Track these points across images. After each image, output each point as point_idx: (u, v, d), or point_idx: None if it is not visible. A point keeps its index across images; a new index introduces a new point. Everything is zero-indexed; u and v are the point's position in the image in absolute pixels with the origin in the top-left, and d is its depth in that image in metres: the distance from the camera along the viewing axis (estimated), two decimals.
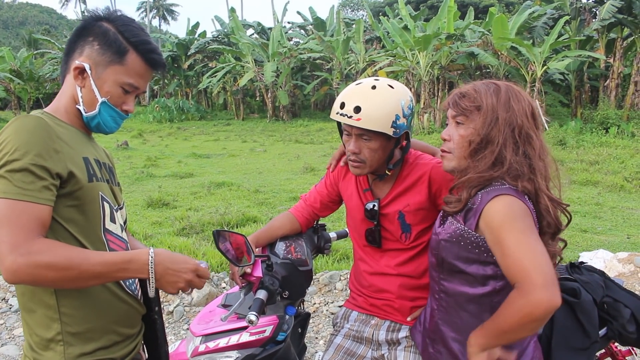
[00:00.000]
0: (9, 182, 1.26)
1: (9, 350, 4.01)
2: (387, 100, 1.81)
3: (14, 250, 1.22)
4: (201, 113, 30.81)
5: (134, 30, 1.50)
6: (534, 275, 1.37)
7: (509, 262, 1.43)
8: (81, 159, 1.44)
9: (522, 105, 1.60)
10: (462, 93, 1.65)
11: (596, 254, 5.05)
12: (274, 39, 26.58)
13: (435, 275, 1.72)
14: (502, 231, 1.45)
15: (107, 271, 1.31)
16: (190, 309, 4.58)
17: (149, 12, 55.14)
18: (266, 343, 2.09)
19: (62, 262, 1.26)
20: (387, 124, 1.80)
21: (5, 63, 29.11)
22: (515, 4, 35.21)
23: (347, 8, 57.39)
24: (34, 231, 1.26)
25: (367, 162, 1.89)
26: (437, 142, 15.43)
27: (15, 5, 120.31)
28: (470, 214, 1.56)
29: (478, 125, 1.58)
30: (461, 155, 1.63)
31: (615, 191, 9.61)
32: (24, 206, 1.26)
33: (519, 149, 1.56)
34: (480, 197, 1.54)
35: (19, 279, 1.25)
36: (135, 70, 1.50)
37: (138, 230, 6.76)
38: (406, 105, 1.85)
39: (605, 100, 19.02)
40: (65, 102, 1.52)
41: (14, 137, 1.30)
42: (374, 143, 1.85)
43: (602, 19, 17.82)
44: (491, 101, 1.59)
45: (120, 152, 16.50)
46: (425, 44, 18.92)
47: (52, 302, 1.40)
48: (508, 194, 1.49)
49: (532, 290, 1.36)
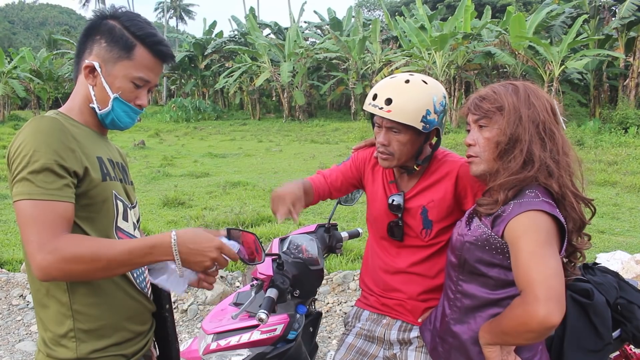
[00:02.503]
0: (31, 183, 1.29)
1: (27, 347, 4.07)
2: (419, 94, 1.83)
3: (42, 248, 1.25)
4: (217, 113, 30.93)
5: (140, 25, 1.51)
6: (537, 288, 1.39)
7: (519, 270, 1.45)
8: (95, 158, 1.47)
9: (542, 102, 1.60)
10: (481, 96, 1.65)
11: (613, 255, 4.98)
12: (290, 39, 26.61)
13: (454, 275, 1.72)
14: (520, 240, 1.47)
15: (133, 257, 1.33)
16: (205, 308, 4.61)
17: (166, 13, 55.58)
18: (277, 341, 2.10)
19: (89, 254, 1.28)
20: (417, 118, 1.82)
21: (26, 63, 29.53)
22: (532, 2, 34.86)
23: (364, 8, 57.26)
24: (59, 228, 1.29)
25: (395, 155, 1.91)
26: (453, 142, 15.29)
27: (35, 7, 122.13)
28: (499, 221, 1.56)
29: (503, 125, 1.58)
30: (490, 158, 1.63)
31: (634, 192, 9.47)
32: (48, 205, 1.29)
33: (545, 145, 1.57)
34: (511, 207, 1.54)
35: (50, 276, 1.28)
36: (144, 63, 1.52)
37: (154, 229, 6.82)
38: (438, 102, 1.86)
39: (624, 100, 18.76)
40: (78, 102, 1.54)
41: (31, 139, 1.33)
42: (403, 136, 1.87)
43: (621, 17, 17.59)
44: (512, 100, 1.59)
45: (137, 152, 16.62)
46: (442, 44, 18.82)
47: (65, 299, 1.42)
48: (540, 211, 1.48)
49: (531, 301, 1.39)
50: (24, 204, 1.29)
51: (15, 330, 4.37)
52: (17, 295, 4.92)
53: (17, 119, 26.80)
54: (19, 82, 27.37)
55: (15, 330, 4.36)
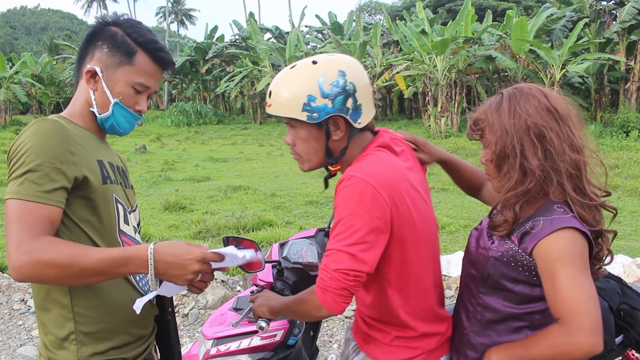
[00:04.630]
0: (22, 183, 1.31)
1: (28, 351, 4.06)
2: (299, 79, 1.53)
3: (18, 248, 1.26)
4: (219, 117, 31.00)
5: (141, 31, 1.54)
6: (583, 318, 1.37)
7: (559, 298, 1.41)
8: (95, 161, 1.49)
9: (532, 105, 1.54)
10: (474, 119, 1.64)
11: (615, 259, 4.96)
12: (291, 43, 26.66)
13: (474, 288, 1.67)
14: (558, 265, 1.42)
15: (107, 267, 1.30)
16: (206, 312, 4.60)
17: (168, 17, 55.71)
18: (277, 347, 2.09)
19: (62, 260, 1.27)
20: (297, 107, 1.52)
21: (27, 68, 29.63)
22: (533, 7, 34.92)
23: (365, 12, 57.36)
24: (40, 230, 1.29)
25: (302, 155, 1.63)
26: (455, 146, 15.31)
27: (37, 12, 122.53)
28: (527, 238, 1.51)
29: (492, 142, 1.56)
30: (495, 176, 1.61)
31: (635, 195, 9.45)
32: (34, 207, 1.30)
33: (538, 151, 1.50)
34: (542, 224, 1.49)
35: (23, 276, 1.27)
36: (145, 69, 1.54)
37: (155, 233, 6.82)
38: (327, 83, 1.50)
39: (625, 104, 18.73)
40: (79, 106, 1.56)
41: (31, 140, 1.34)
42: (301, 132, 1.58)
43: (622, 20, 17.56)
44: (496, 115, 1.56)
45: (138, 156, 16.64)
46: (443, 48, 18.84)
47: (67, 302, 1.43)
48: (572, 228, 1.45)
49: (578, 332, 1.36)
50: (11, 202, 1.30)
51: (16, 335, 4.36)
52: (19, 300, 4.92)
53: (19, 124, 26.84)
54: (21, 87, 27.47)
55: (17, 335, 4.36)
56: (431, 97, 20.76)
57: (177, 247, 1.36)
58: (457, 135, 19.35)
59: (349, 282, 1.41)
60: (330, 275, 1.42)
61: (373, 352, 1.68)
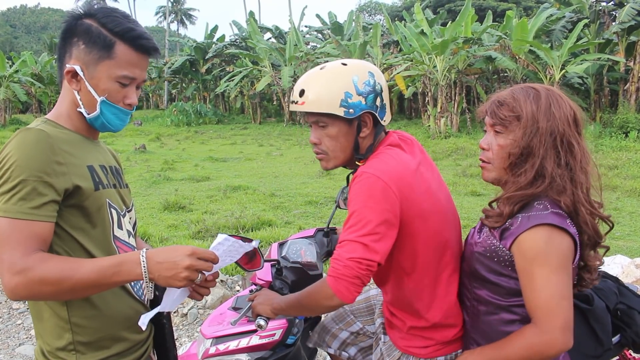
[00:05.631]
0: (9, 200, 1.26)
1: (27, 350, 4.07)
2: (334, 78, 1.64)
3: (10, 268, 1.22)
4: (218, 117, 30.96)
5: (117, 20, 1.43)
6: (554, 318, 1.40)
7: (534, 297, 1.44)
8: (86, 168, 1.43)
9: (564, 111, 1.52)
10: (500, 101, 1.58)
11: (614, 260, 4.97)
12: (291, 43, 26.65)
13: (467, 283, 1.70)
14: (534, 264, 1.44)
15: (101, 277, 1.26)
16: (205, 312, 4.60)
17: (168, 17, 55.64)
18: (276, 346, 2.10)
19: (54, 276, 1.23)
20: (335, 103, 1.62)
21: (27, 67, 29.63)
22: (532, 7, 34.90)
23: (365, 13, 57.32)
24: (31, 248, 1.25)
25: (329, 153, 1.72)
26: (454, 147, 15.28)
27: (37, 11, 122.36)
28: (507, 234, 1.52)
29: (518, 136, 1.52)
30: (501, 167, 1.58)
31: (634, 196, 9.46)
32: (23, 225, 1.25)
33: (560, 159, 1.50)
34: (519, 221, 1.50)
35: (18, 296, 1.24)
36: (127, 60, 1.44)
37: (154, 233, 6.82)
38: (361, 82, 1.64)
39: (625, 104, 18.73)
40: (66, 107, 1.49)
41: (15, 153, 1.28)
42: (331, 129, 1.67)
43: (621, 21, 17.56)
44: (531, 109, 1.52)
45: (138, 156, 16.63)
46: (443, 49, 18.84)
47: (63, 313, 1.40)
48: (550, 224, 1.44)
49: (550, 331, 1.40)
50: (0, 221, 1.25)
51: (15, 334, 4.36)
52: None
53: (19, 123, 26.81)
54: (21, 86, 27.45)
55: (16, 334, 4.36)
56: (431, 97, 20.75)
57: (167, 249, 1.32)
58: (456, 135, 19.33)
59: (361, 271, 1.49)
60: (344, 264, 1.49)
61: (394, 337, 1.84)
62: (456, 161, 13.97)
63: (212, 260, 1.34)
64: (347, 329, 2.22)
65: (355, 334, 2.21)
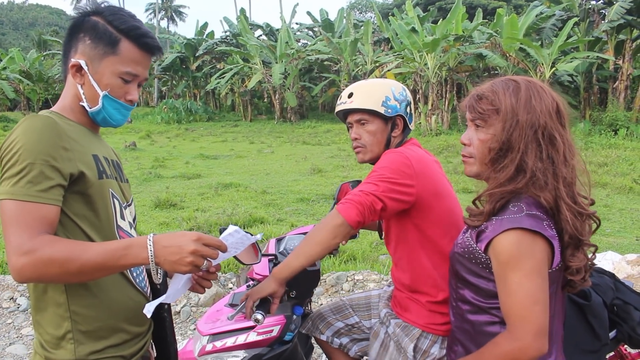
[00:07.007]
0: (17, 183, 1.27)
1: (17, 350, 4.03)
2: (377, 85, 2.06)
3: (17, 250, 1.24)
4: (209, 114, 30.86)
5: (123, 18, 1.48)
6: (527, 324, 1.38)
7: (508, 302, 1.42)
8: (91, 156, 1.46)
9: (546, 103, 1.48)
10: (479, 95, 1.56)
11: (605, 256, 5.01)
12: (281, 41, 26.60)
13: (453, 283, 1.68)
14: (507, 269, 1.41)
15: (108, 259, 1.28)
16: (198, 309, 4.58)
17: (158, 13, 55.37)
18: (273, 343, 2.09)
19: (62, 256, 1.25)
20: (378, 102, 2.00)
21: (15, 64, 29.33)
22: (523, 5, 35.06)
23: (355, 10, 57.30)
24: (38, 230, 1.26)
25: (367, 146, 2.06)
26: (445, 144, 15.35)
27: (25, 7, 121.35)
28: (482, 237, 1.50)
29: (497, 130, 1.49)
30: (482, 162, 1.55)
31: (624, 193, 9.55)
32: (30, 207, 1.27)
33: (542, 153, 1.46)
34: (493, 223, 1.47)
35: (24, 277, 1.26)
36: (130, 57, 1.49)
37: (146, 230, 6.79)
38: (397, 92, 2.05)
39: (614, 102, 18.90)
40: (69, 101, 1.52)
41: (23, 138, 1.31)
42: (371, 125, 2.04)
43: (610, 20, 17.71)
44: (510, 102, 1.48)
45: (129, 153, 16.55)
46: (434, 46, 18.89)
47: (63, 301, 1.40)
48: (521, 229, 1.40)
49: (523, 337, 1.38)
50: (7, 204, 1.27)
51: (5, 334, 4.32)
52: (8, 298, 4.86)
53: (7, 120, 26.60)
54: (8, 83, 27.20)
55: (6, 334, 4.32)
56: (422, 94, 20.81)
57: (173, 234, 1.34)
58: (447, 132, 19.41)
59: (366, 201, 1.74)
60: (354, 192, 1.79)
61: (411, 317, 1.98)
62: (447, 158, 14.01)
63: (217, 246, 1.35)
64: (343, 320, 2.27)
65: (351, 327, 2.26)
